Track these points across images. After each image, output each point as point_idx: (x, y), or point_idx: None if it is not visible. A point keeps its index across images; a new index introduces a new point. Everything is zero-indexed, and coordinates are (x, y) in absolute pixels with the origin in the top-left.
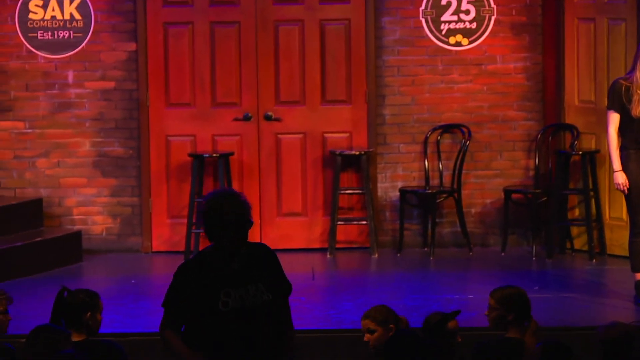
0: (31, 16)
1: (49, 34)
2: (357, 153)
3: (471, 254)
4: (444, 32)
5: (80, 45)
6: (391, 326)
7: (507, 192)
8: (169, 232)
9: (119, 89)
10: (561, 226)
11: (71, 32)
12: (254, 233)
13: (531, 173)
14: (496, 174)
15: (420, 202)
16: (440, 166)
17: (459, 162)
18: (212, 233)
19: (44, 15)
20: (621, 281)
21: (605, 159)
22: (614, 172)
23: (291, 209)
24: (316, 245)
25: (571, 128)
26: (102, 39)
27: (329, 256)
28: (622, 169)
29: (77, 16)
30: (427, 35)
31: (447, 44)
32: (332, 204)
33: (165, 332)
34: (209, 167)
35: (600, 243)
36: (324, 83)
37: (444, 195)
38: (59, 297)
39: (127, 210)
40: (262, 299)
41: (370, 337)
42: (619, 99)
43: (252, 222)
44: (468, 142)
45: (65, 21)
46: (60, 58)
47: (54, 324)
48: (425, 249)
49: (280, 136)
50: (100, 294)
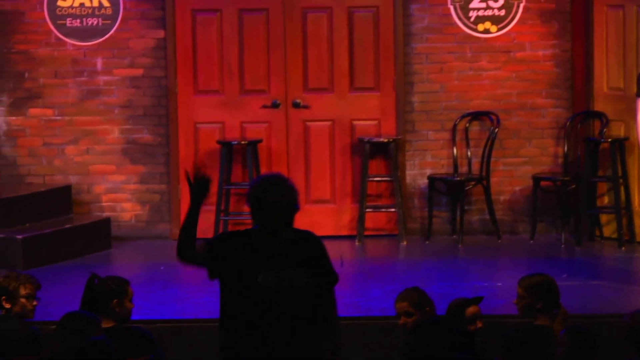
0: (60, 3)
1: (78, 21)
2: (386, 140)
3: (500, 241)
4: (472, 19)
5: (108, 32)
6: (427, 309)
7: (536, 179)
8: None
9: (147, 76)
10: (590, 214)
11: (100, 19)
12: None
13: (560, 160)
14: (525, 161)
15: (449, 190)
16: (469, 153)
17: (487, 149)
18: (256, 216)
19: (73, 2)
20: None
21: (635, 146)
22: None
23: (319, 196)
24: (344, 233)
25: (600, 115)
26: (131, 26)
27: (357, 243)
28: None
29: (106, 3)
30: (455, 23)
31: (476, 31)
32: (361, 191)
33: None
34: (237, 154)
35: (629, 230)
36: (352, 70)
37: (473, 183)
38: (88, 283)
39: (155, 197)
40: (301, 283)
41: (408, 320)
42: None
43: (298, 208)
44: (497, 129)
45: (94, 8)
46: (89, 45)
47: (84, 310)
48: (454, 237)
49: (308, 123)
50: (129, 280)
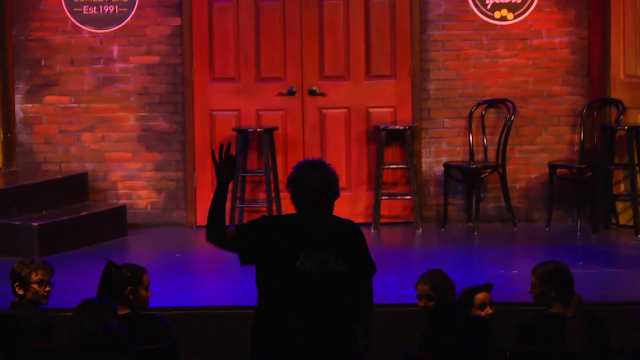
0: None
1: (94, 8)
2: (402, 128)
3: (515, 229)
4: (489, 7)
5: (125, 19)
6: (449, 293)
7: (552, 167)
8: None
9: (163, 63)
10: (606, 201)
11: (116, 6)
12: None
13: (576, 148)
14: (541, 148)
15: (465, 177)
16: (485, 141)
17: (503, 137)
18: (296, 202)
19: None
20: None
21: None
22: None
23: None
24: (360, 220)
25: (617, 103)
26: (147, 13)
27: (372, 231)
28: None
29: None
30: (472, 10)
31: (492, 18)
32: (376, 178)
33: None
34: (253, 141)
35: None
36: (368, 58)
37: (489, 170)
38: (105, 271)
39: (171, 184)
40: (339, 269)
41: (429, 303)
42: None
43: (338, 194)
44: (513, 117)
45: None
46: (105, 33)
47: (101, 297)
48: (470, 224)
49: (324, 111)
50: (145, 268)
